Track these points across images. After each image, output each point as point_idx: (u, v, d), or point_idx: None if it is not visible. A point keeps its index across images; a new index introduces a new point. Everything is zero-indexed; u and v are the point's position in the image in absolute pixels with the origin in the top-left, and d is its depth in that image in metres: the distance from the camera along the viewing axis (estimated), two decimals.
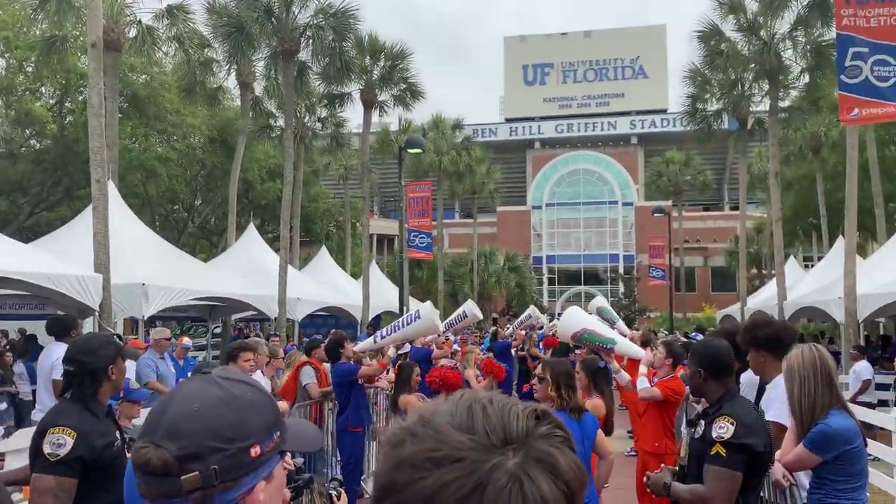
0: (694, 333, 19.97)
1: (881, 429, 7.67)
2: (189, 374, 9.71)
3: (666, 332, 25.11)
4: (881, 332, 21.35)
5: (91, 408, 2.95)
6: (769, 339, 3.98)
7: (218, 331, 21.50)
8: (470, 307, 9.05)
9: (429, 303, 8.18)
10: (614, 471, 4.73)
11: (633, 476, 6.12)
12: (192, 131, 28.26)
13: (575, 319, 6.36)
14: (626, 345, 6.46)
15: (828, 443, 3.27)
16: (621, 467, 7.03)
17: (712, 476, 2.97)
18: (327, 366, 8.21)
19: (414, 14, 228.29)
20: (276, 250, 24.15)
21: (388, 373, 9.58)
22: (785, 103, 23.02)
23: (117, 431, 3.05)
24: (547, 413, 0.86)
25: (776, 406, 3.81)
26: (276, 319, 15.79)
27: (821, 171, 28.53)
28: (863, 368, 11.57)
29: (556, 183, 62.58)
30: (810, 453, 3.31)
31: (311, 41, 17.58)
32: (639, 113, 64.92)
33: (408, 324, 7.45)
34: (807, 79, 21.04)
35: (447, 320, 10.87)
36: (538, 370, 4.45)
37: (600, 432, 4.25)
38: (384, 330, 7.97)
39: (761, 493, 3.38)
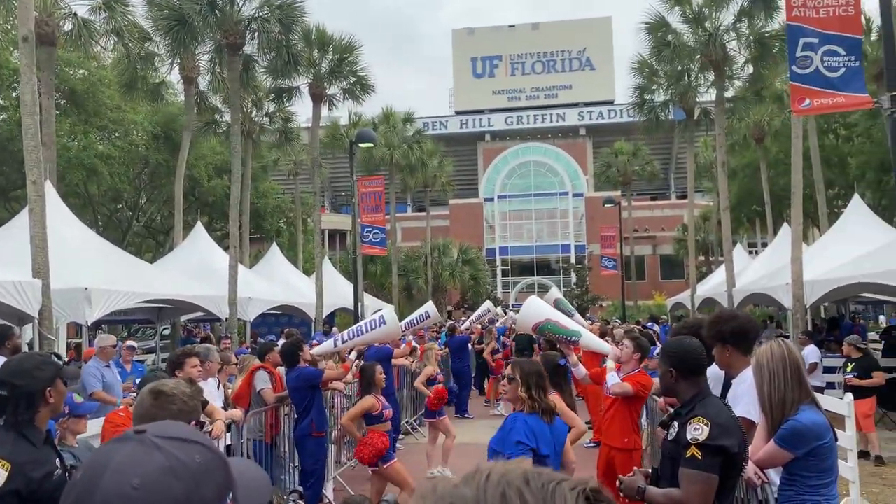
0: (649, 323, 20.27)
1: (832, 413, 7.83)
2: (138, 382, 9.34)
3: (619, 321, 25.43)
4: (822, 316, 21.95)
5: (27, 435, 2.71)
6: (735, 333, 3.94)
7: (167, 332, 20.93)
8: (432, 309, 8.89)
9: (391, 307, 8.00)
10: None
11: (594, 470, 6.05)
12: (134, 128, 27.38)
13: (537, 310, 6.20)
14: (591, 338, 6.37)
15: (799, 439, 3.24)
16: (582, 460, 6.96)
17: (688, 479, 2.90)
18: (281, 369, 7.99)
19: (361, 6, 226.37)
20: (226, 248, 23.65)
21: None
22: (729, 93, 23.45)
23: (57, 459, 2.81)
24: (599, 493, 0.71)
25: (744, 401, 3.78)
26: (226, 320, 15.39)
27: (764, 159, 29.19)
28: (810, 352, 11.83)
29: (508, 175, 62.87)
30: (781, 450, 3.27)
31: (256, 34, 17.14)
32: (586, 104, 65.63)
33: (371, 328, 7.27)
34: (750, 69, 21.43)
35: (407, 320, 10.71)
36: (508, 370, 4.31)
37: (568, 439, 4.14)
38: (345, 333, 7.76)
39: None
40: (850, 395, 6.84)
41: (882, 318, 34.41)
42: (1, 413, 2.71)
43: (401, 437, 9.80)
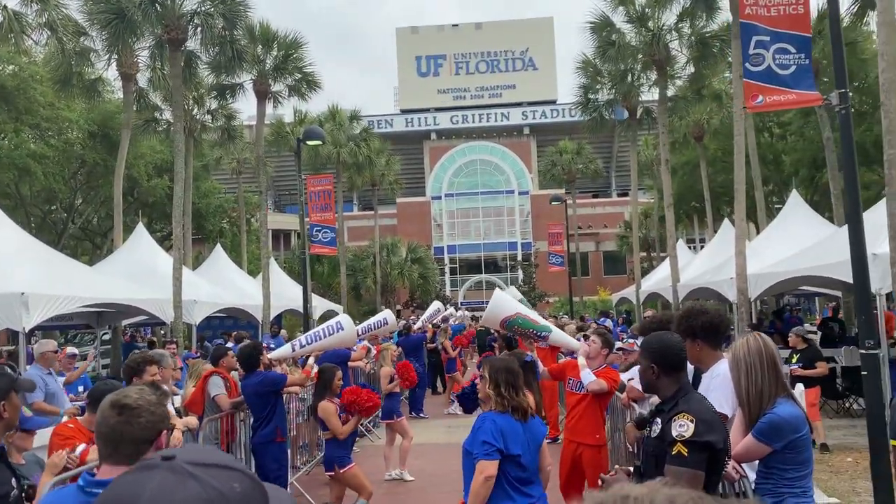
0: (602, 319, 20.53)
1: None
2: (84, 394, 8.93)
3: (567, 316, 25.72)
4: (759, 309, 22.60)
5: None
6: (705, 328, 3.95)
7: (107, 338, 20.20)
8: (390, 316, 8.72)
9: (347, 315, 7.83)
10: None
11: (556, 465, 6.03)
12: (69, 126, 26.34)
13: (506, 304, 6.08)
14: (560, 334, 6.32)
15: (777, 432, 3.25)
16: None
17: (675, 476, 2.87)
18: (235, 374, 7.75)
19: (299, 4, 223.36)
20: (167, 249, 22.99)
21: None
22: (670, 92, 23.94)
23: (13, 479, 2.61)
24: None
25: (715, 396, 3.78)
26: (171, 324, 14.92)
27: (703, 157, 29.91)
28: None
29: (455, 173, 62.99)
30: (759, 443, 3.28)
31: (199, 29, 16.66)
32: (530, 104, 66.26)
33: (329, 334, 7.11)
34: (691, 69, 21.90)
35: (363, 325, 10.53)
36: (482, 369, 4.21)
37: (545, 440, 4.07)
38: (303, 338, 7.59)
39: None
40: (801, 386, 7.01)
41: (815, 309, 35.65)
42: None
43: (357, 439, 9.63)
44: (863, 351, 6.42)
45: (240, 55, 17.57)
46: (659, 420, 3.08)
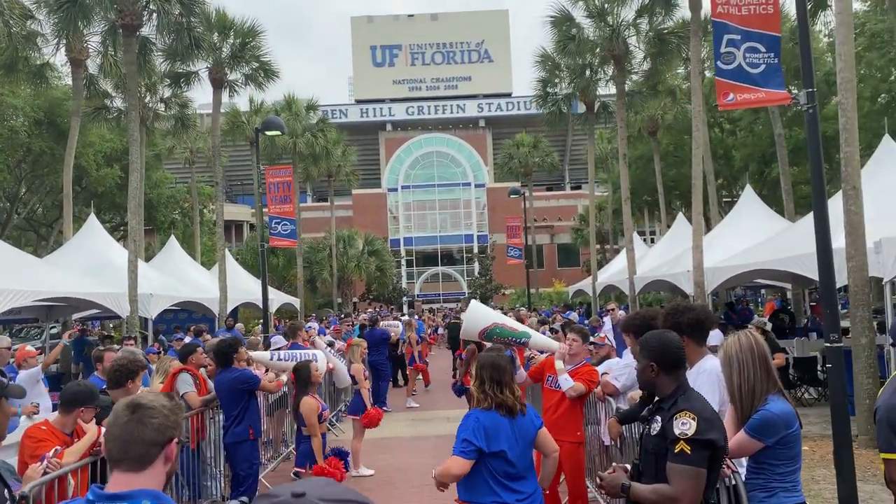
0: (567, 313, 20.73)
1: None
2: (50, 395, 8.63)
3: (525, 309, 25.89)
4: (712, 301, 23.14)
5: None
6: (692, 325, 4.00)
7: (55, 331, 19.58)
8: (321, 359, 8.25)
9: (322, 354, 7.80)
10: None
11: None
12: (13, 113, 25.32)
13: (482, 314, 6.06)
14: (540, 338, 6.33)
15: (769, 428, 3.31)
16: None
17: (678, 475, 2.90)
18: (203, 371, 7.59)
19: None
20: (117, 240, 22.36)
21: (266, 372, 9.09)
22: (626, 88, 24.26)
23: (5, 490, 2.49)
24: None
25: (702, 392, 3.84)
26: (127, 319, 14.52)
27: (657, 151, 30.42)
28: (714, 335, 12.37)
29: (411, 165, 62.75)
30: (752, 439, 3.34)
31: (154, 15, 16.20)
32: (486, 96, 66.40)
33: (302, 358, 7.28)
34: (649, 64, 22.22)
35: (287, 353, 9.94)
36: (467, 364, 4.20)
37: (543, 430, 4.06)
38: (283, 353, 7.65)
39: None
40: None
41: (761, 301, 36.63)
42: None
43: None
44: (828, 344, 6.60)
45: (197, 42, 17.17)
46: (659, 418, 3.10)
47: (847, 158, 9.83)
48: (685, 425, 2.92)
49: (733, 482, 3.38)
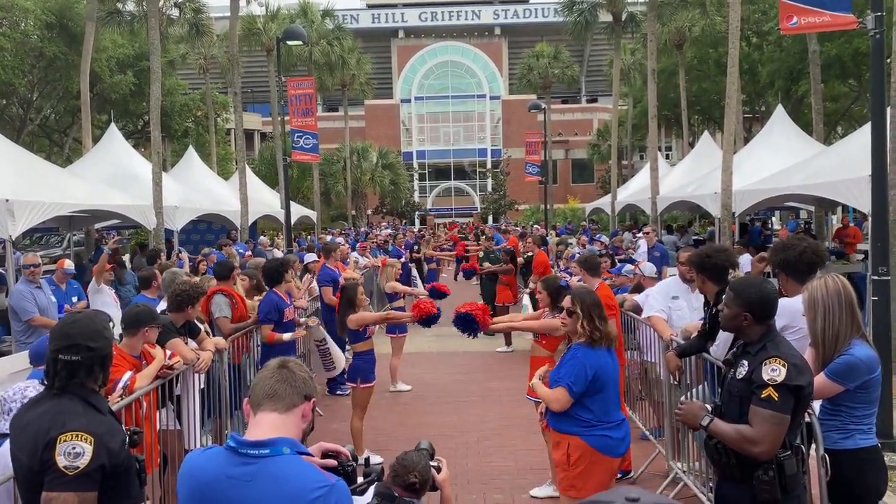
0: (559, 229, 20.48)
1: None
2: (77, 304, 8.71)
3: (538, 227, 25.85)
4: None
5: (93, 403, 2.42)
6: (809, 265, 3.97)
7: (77, 239, 19.72)
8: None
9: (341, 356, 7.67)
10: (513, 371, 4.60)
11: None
12: (24, 16, 24.64)
13: None
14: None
15: (852, 372, 3.32)
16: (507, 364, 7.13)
17: (762, 419, 2.92)
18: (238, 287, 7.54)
19: None
20: (133, 147, 22.14)
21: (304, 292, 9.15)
22: None
23: (123, 427, 2.55)
24: None
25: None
26: (153, 230, 14.53)
27: (682, 65, 29.54)
28: (745, 261, 12.35)
29: (425, 75, 61.36)
30: (833, 383, 3.35)
31: None
32: (502, 2, 64.13)
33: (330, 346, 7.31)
34: None
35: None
36: (566, 302, 4.21)
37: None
38: (321, 330, 7.54)
39: None
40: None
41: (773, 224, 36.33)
42: (70, 379, 2.40)
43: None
44: (875, 277, 6.57)
45: None
46: (746, 362, 3.10)
47: None
48: (774, 371, 2.92)
49: (807, 420, 3.41)
